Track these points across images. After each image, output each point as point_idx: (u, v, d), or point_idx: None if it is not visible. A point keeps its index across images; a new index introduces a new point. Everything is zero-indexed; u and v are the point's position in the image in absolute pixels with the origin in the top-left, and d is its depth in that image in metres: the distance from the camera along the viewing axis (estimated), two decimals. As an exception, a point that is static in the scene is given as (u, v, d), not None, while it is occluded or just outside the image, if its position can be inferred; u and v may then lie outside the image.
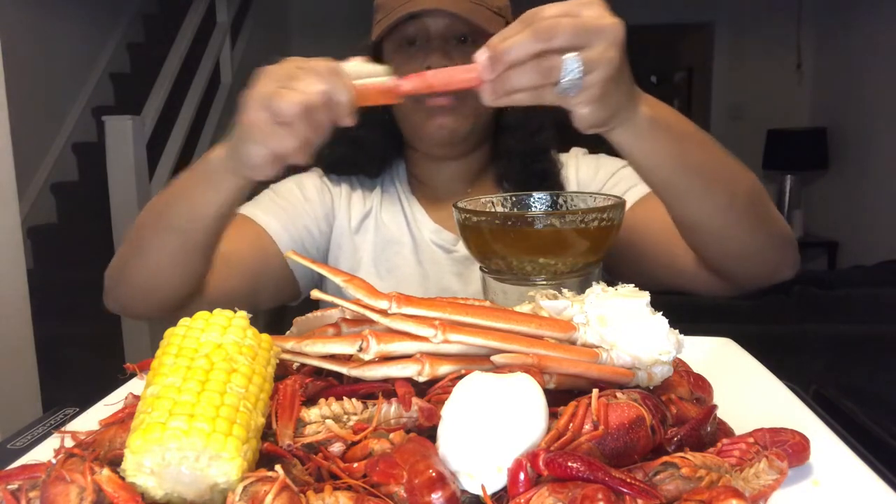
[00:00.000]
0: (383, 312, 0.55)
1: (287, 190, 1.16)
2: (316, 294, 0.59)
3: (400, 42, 1.10)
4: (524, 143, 1.15)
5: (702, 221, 0.83)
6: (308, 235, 1.14)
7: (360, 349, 0.53)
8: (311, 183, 1.18)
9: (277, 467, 0.42)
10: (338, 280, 0.56)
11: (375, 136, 1.18)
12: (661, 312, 0.58)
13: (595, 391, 0.50)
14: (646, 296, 0.58)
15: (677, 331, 0.58)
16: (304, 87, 0.69)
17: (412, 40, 1.09)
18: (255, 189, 1.09)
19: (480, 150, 1.18)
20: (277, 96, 0.69)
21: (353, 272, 1.13)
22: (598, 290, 0.60)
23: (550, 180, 1.15)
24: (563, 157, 1.22)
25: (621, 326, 0.56)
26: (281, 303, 1.16)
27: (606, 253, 0.81)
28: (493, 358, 0.53)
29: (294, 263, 1.11)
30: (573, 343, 0.57)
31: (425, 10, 1.05)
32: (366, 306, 0.56)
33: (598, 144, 1.20)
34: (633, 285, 0.61)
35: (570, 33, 0.62)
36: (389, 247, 1.16)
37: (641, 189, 1.06)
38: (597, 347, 0.56)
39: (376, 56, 1.13)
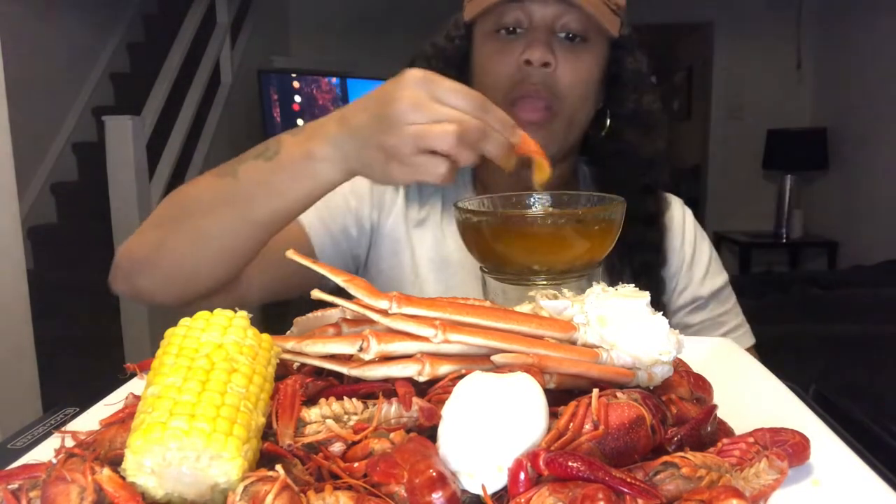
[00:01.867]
0: (384, 312, 0.55)
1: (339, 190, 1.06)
2: (316, 294, 0.58)
3: (496, 27, 0.97)
4: (636, 176, 1.03)
5: None
6: (344, 237, 1.05)
7: (361, 349, 0.53)
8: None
9: (278, 467, 0.42)
10: (339, 280, 0.56)
11: None
12: (661, 312, 0.58)
13: (595, 391, 0.50)
14: (646, 296, 0.58)
15: (677, 331, 0.58)
16: (452, 118, 0.69)
17: (511, 28, 0.96)
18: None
19: (562, 165, 1.04)
20: (429, 137, 0.69)
21: (414, 281, 1.05)
22: (598, 290, 0.60)
23: (655, 228, 1.03)
24: (664, 197, 1.10)
25: (621, 326, 0.56)
26: (305, 292, 1.10)
27: (607, 253, 0.81)
28: (493, 358, 0.53)
29: (323, 254, 1.02)
30: (573, 343, 0.57)
31: None
32: (366, 306, 0.56)
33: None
34: (633, 285, 0.61)
35: None
36: (448, 267, 1.06)
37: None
38: (597, 347, 0.56)
39: (467, 37, 1.03)
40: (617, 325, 0.56)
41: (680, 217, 1.11)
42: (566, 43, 0.96)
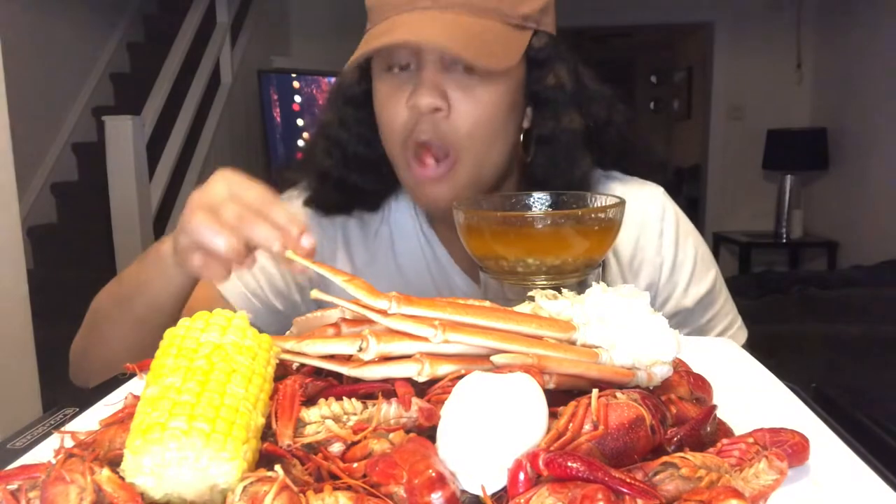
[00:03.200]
0: (383, 312, 0.55)
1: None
2: (316, 294, 0.58)
3: (388, 64, 0.88)
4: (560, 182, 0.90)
5: None
6: (280, 300, 0.99)
7: (360, 349, 0.53)
8: None
9: (277, 467, 0.42)
10: (338, 280, 0.56)
11: (366, 176, 0.96)
12: (661, 312, 0.58)
13: (595, 391, 0.50)
14: (646, 296, 0.58)
15: (677, 331, 0.58)
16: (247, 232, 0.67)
17: (403, 65, 0.87)
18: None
19: (507, 183, 0.97)
20: (211, 231, 0.67)
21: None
22: (597, 289, 0.60)
23: None
24: (636, 188, 0.98)
25: (621, 326, 0.56)
26: None
27: (607, 253, 0.81)
28: (492, 358, 0.53)
29: (260, 322, 0.96)
30: (573, 343, 0.57)
31: (395, 44, 0.81)
32: (365, 306, 0.55)
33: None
34: (633, 285, 0.61)
35: None
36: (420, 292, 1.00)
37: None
38: (597, 347, 0.56)
39: (367, 73, 0.93)
40: (616, 325, 0.56)
41: (657, 216, 0.97)
42: (462, 78, 0.84)
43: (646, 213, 0.97)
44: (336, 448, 0.49)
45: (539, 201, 0.85)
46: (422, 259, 1.00)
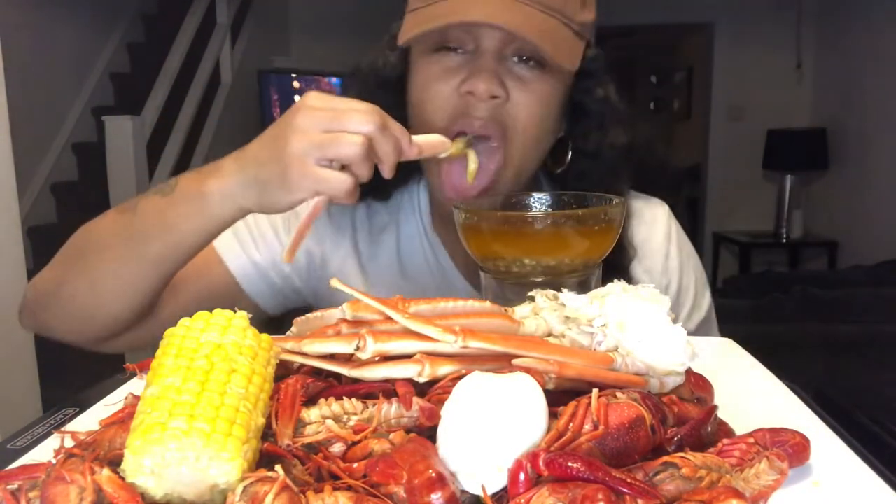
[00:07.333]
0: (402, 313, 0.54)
1: (268, 222, 0.96)
2: (335, 284, 0.57)
3: (435, 45, 0.84)
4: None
5: None
6: (276, 273, 0.97)
7: (358, 348, 0.53)
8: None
9: (277, 467, 0.42)
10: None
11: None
12: (680, 323, 0.58)
13: (595, 391, 0.50)
14: (666, 301, 0.58)
15: (692, 342, 0.58)
16: (356, 128, 0.68)
17: (453, 46, 0.84)
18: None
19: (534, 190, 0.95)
20: (334, 143, 0.68)
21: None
22: (618, 289, 0.59)
23: (622, 259, 0.90)
24: (642, 205, 0.98)
25: (640, 334, 0.56)
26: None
27: (607, 253, 0.81)
28: (514, 361, 0.53)
29: (251, 288, 0.97)
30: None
31: (477, 22, 0.79)
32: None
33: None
34: (654, 285, 0.61)
35: None
36: (406, 286, 0.98)
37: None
38: (612, 351, 0.56)
39: (404, 55, 0.91)
40: (635, 332, 0.56)
41: (663, 236, 0.98)
42: (520, 69, 0.83)
43: (652, 232, 0.98)
44: (336, 448, 0.49)
45: (539, 201, 0.85)
46: (424, 262, 1.00)
